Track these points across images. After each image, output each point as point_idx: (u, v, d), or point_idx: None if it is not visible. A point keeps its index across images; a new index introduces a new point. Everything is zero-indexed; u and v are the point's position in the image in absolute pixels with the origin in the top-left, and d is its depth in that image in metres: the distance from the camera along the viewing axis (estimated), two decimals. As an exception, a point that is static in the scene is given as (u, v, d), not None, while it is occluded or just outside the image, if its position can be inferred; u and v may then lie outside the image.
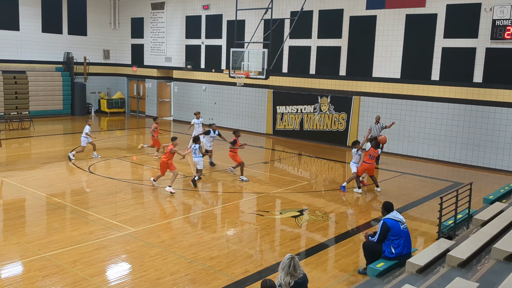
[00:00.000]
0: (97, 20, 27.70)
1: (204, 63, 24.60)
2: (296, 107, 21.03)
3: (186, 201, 11.64)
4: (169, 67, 26.25)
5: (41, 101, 25.08)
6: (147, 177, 13.63)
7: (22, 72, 24.50)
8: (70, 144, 18.51)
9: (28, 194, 11.52)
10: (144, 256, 8.06)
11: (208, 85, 24.47)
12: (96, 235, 8.97)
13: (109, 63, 28.80)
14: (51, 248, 8.26)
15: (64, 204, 10.86)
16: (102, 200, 11.24)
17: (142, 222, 9.76)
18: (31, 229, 9.27)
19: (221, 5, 23.32)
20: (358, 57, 19.12)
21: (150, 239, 8.83)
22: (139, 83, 28.28)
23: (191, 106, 25.33)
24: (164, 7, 25.93)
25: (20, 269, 7.54)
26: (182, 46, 25.41)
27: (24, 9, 24.51)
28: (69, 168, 14.54)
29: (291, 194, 12.43)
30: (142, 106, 28.27)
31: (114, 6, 28.11)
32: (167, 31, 26.02)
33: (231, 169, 14.02)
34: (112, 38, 28.55)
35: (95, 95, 28.37)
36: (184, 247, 8.51)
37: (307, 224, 10.13)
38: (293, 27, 19.30)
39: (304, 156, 18.07)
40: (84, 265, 7.61)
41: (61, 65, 26.33)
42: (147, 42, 27.19)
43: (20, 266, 7.62)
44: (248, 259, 8.12)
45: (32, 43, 25.05)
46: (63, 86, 25.92)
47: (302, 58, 20.71)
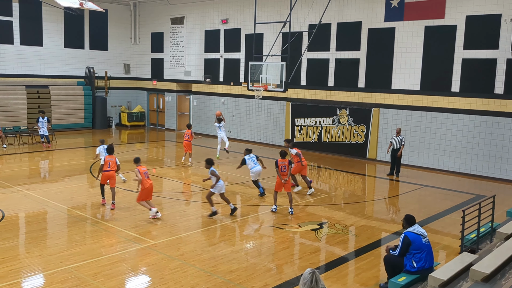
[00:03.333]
0: (118, 35, 28.21)
1: (222, 76, 24.80)
2: (315, 119, 21.00)
3: (205, 214, 11.66)
4: (188, 80, 26.52)
5: (63, 115, 25.56)
6: (166, 189, 13.72)
7: (45, 86, 25.04)
8: (91, 157, 18.76)
9: (50, 206, 11.69)
10: (164, 269, 8.09)
11: (226, 98, 24.63)
12: (116, 247, 9.05)
13: (130, 77, 29.24)
14: (73, 260, 8.35)
15: (85, 216, 10.99)
16: (123, 213, 11.34)
17: (162, 235, 9.82)
18: (53, 242, 9.39)
19: (240, 19, 23.55)
20: (377, 69, 19.06)
21: (170, 252, 8.87)
22: (159, 97, 28.62)
23: (210, 119, 25.49)
24: (184, 22, 26.29)
25: (42, 281, 7.63)
26: (201, 60, 25.68)
27: (47, 25, 25.12)
28: (90, 181, 14.72)
29: (310, 207, 12.36)
30: (162, 119, 28.57)
31: (135, 21, 28.62)
32: (187, 45, 26.34)
33: None
34: (132, 52, 29.02)
35: (116, 108, 28.79)
36: (204, 260, 8.52)
37: (327, 238, 10.05)
38: (311, 40, 19.36)
39: (323, 169, 17.98)
40: (105, 278, 7.67)
41: (82, 80, 26.84)
42: (166, 56, 27.56)
43: (43, 278, 7.71)
44: (268, 273, 8.08)
45: (55, 58, 25.61)
46: (85, 100, 26.39)
47: (321, 71, 20.73)
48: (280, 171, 11.55)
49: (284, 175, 11.58)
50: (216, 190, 11.06)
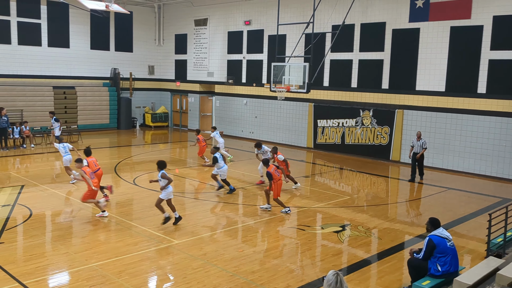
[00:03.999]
0: (143, 37, 28.59)
1: (245, 77, 24.88)
2: (338, 120, 20.89)
3: (227, 214, 11.72)
4: (211, 81, 26.70)
5: (89, 115, 26.02)
6: (189, 189, 13.85)
7: (72, 87, 25.53)
8: (115, 157, 19.06)
9: (75, 205, 11.92)
10: (187, 268, 8.17)
11: (249, 99, 24.70)
12: (140, 246, 9.17)
13: (154, 78, 29.59)
14: (98, 258, 8.50)
15: (109, 215, 11.16)
16: (146, 212, 11.49)
17: (184, 235, 9.91)
18: (79, 240, 9.58)
19: (263, 20, 23.60)
20: (401, 70, 18.86)
21: (192, 251, 8.95)
22: (182, 98, 28.88)
23: (232, 120, 25.63)
24: (207, 23, 26.48)
25: (68, 279, 7.78)
26: (224, 61, 25.82)
27: (74, 27, 25.62)
28: (115, 180, 14.95)
29: (332, 209, 12.31)
30: (185, 120, 28.83)
31: (159, 23, 28.96)
32: (210, 46, 26.52)
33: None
34: (156, 54, 29.36)
35: (140, 109, 29.17)
36: (226, 260, 8.57)
37: (350, 240, 9.99)
38: (335, 41, 19.28)
39: (346, 170, 17.87)
40: (129, 276, 7.78)
41: (108, 81, 27.28)
42: (190, 58, 27.79)
43: (69, 276, 7.87)
44: (290, 274, 8.08)
45: (81, 60, 26.10)
46: (110, 101, 26.82)
47: (344, 72, 20.62)
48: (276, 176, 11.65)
49: (279, 178, 11.79)
50: (165, 196, 10.46)
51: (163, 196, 10.48)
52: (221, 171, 13.42)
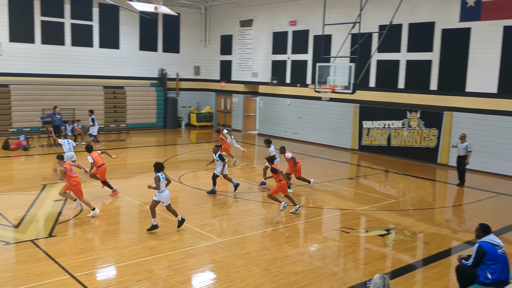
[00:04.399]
0: (189, 38, 29.10)
1: (289, 78, 24.86)
2: (383, 122, 20.52)
3: (270, 215, 11.76)
4: (255, 82, 26.84)
5: (137, 114, 26.74)
6: (231, 188, 13.97)
7: (121, 87, 26.32)
8: (162, 155, 19.50)
9: (124, 201, 12.29)
10: (230, 267, 8.26)
11: (293, 100, 24.67)
12: (185, 243, 9.36)
13: (199, 78, 30.06)
14: (144, 254, 8.73)
15: (155, 212, 11.42)
16: (191, 210, 11.70)
17: (228, 233, 10.03)
18: (126, 235, 9.87)
19: (308, 20, 23.51)
20: (450, 71, 18.32)
21: (235, 250, 9.04)
22: (227, 98, 29.19)
23: (276, 120, 25.66)
24: (252, 24, 26.64)
25: (116, 273, 8.04)
26: (268, 61, 25.90)
27: (124, 29, 26.40)
28: (161, 178, 15.28)
29: (377, 212, 12.12)
30: (229, 120, 29.12)
31: (205, 24, 29.39)
32: (254, 47, 26.67)
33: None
34: (202, 55, 29.81)
35: (186, 109, 29.71)
36: (269, 260, 8.61)
37: (395, 244, 9.81)
38: (382, 41, 18.96)
39: (391, 173, 17.54)
40: (174, 272, 7.96)
41: (155, 81, 27.95)
42: (235, 58, 28.05)
43: (116, 270, 8.13)
44: (333, 277, 8.03)
45: (130, 61, 26.86)
46: (157, 101, 27.47)
47: (390, 72, 20.23)
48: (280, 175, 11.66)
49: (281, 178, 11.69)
50: (163, 201, 10.06)
51: (165, 203, 10.08)
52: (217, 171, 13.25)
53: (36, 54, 23.64)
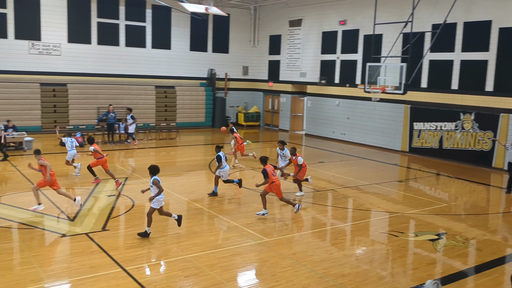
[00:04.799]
0: (238, 38, 29.38)
1: (338, 78, 24.61)
2: (435, 124, 19.93)
3: (317, 216, 11.71)
4: (304, 82, 26.74)
5: (186, 113, 27.29)
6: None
7: (172, 87, 26.93)
8: (210, 154, 19.78)
9: (173, 198, 12.57)
10: (276, 266, 8.29)
11: (341, 100, 24.40)
12: (232, 241, 9.47)
13: (247, 78, 30.28)
14: (192, 250, 8.91)
15: (203, 210, 11.65)
16: (238, 208, 11.83)
17: (274, 233, 10.07)
18: (175, 231, 10.10)
19: (358, 20, 23.18)
20: (508, 72, 17.55)
21: (282, 250, 9.07)
22: (274, 98, 29.25)
23: (323, 121, 25.47)
24: (301, 24, 26.56)
25: (164, 268, 8.25)
26: (317, 61, 25.74)
27: (175, 30, 27.00)
28: (209, 176, 15.54)
29: (428, 216, 11.80)
30: (276, 120, 29.16)
31: (254, 24, 29.58)
32: (303, 47, 26.57)
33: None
34: (251, 55, 30.01)
35: (234, 109, 30.01)
36: (315, 261, 8.58)
37: (446, 249, 9.53)
38: (435, 40, 18.42)
39: (443, 176, 17.02)
40: (221, 270, 8.08)
41: (204, 81, 28.40)
42: (283, 58, 28.06)
43: (165, 265, 8.34)
44: (380, 281, 7.90)
45: (181, 61, 27.43)
46: (206, 100, 27.92)
47: (444, 73, 19.62)
48: (272, 176, 11.06)
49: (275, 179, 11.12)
50: (156, 205, 9.63)
51: (155, 205, 9.59)
52: (223, 172, 12.82)
53: (92, 54, 24.60)
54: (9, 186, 13.41)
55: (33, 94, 22.94)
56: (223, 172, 12.84)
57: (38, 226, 9.97)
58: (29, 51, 23.07)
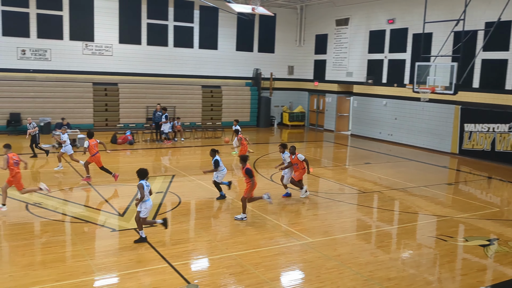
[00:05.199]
0: (284, 38, 29.38)
1: (385, 77, 24.16)
2: (488, 125, 19.21)
3: (362, 217, 11.56)
4: (350, 82, 26.42)
5: (232, 113, 27.55)
6: (322, 189, 13.92)
7: (218, 87, 27.28)
8: (254, 153, 19.92)
9: (217, 195, 12.71)
10: (321, 267, 8.26)
11: (388, 100, 23.94)
12: (276, 241, 9.51)
13: (293, 78, 30.23)
14: (237, 248, 9.01)
15: (247, 208, 11.70)
16: (282, 208, 11.85)
17: (319, 234, 10.02)
18: (220, 229, 10.26)
19: (407, 18, 22.67)
20: None
21: (326, 251, 9.02)
22: (320, 98, 29.05)
23: (370, 121, 25.08)
24: (348, 23, 26.25)
25: (210, 265, 8.39)
26: (364, 60, 25.37)
27: (222, 30, 27.34)
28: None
29: (478, 221, 11.40)
30: (321, 120, 28.96)
31: (300, 24, 29.49)
32: (350, 46, 26.26)
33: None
34: (296, 54, 29.94)
35: (279, 108, 30.04)
36: (361, 264, 8.48)
37: (497, 256, 9.18)
38: (488, 39, 17.75)
39: (495, 180, 16.38)
40: (265, 269, 8.13)
41: (250, 81, 28.58)
42: (329, 58, 27.83)
43: (210, 262, 8.48)
44: (428, 286, 7.71)
45: (227, 61, 27.74)
46: (251, 100, 28.11)
47: (497, 72, 18.88)
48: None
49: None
50: (145, 214, 9.11)
51: (143, 214, 9.07)
52: (220, 174, 12.35)
53: (142, 54, 25.29)
54: (64, 181, 13.99)
55: (86, 93, 23.84)
56: (221, 174, 12.34)
57: (89, 221, 10.36)
58: (82, 52, 24.00)
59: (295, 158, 12.56)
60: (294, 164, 12.62)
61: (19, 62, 22.77)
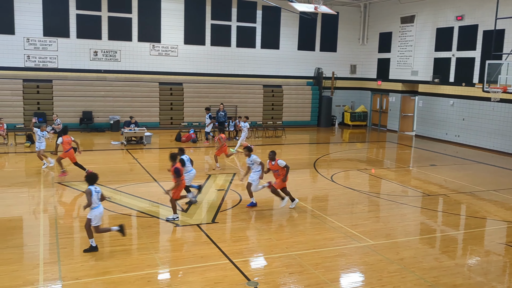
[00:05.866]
0: (347, 36, 28.99)
1: (453, 76, 23.22)
2: None
3: (426, 221, 11.21)
4: (415, 81, 25.63)
5: (292, 112, 27.58)
6: (384, 191, 13.63)
7: (279, 86, 27.39)
8: (314, 153, 19.86)
9: (276, 196, 12.77)
10: (383, 271, 8.11)
11: (456, 100, 23.00)
12: (336, 242, 9.44)
13: (355, 77, 29.76)
14: (297, 248, 9.03)
15: (308, 208, 11.73)
16: (343, 209, 11.73)
17: (381, 236, 9.84)
18: (280, 228, 10.33)
19: (477, 14, 21.66)
20: None
21: (388, 254, 8.84)
22: (383, 97, 28.40)
23: (436, 122, 24.22)
24: (414, 20, 25.47)
25: (269, 263, 8.45)
26: (430, 59, 24.52)
27: (284, 29, 27.40)
28: (313, 175, 15.60)
29: (554, 229, 10.73)
30: (384, 120, 28.30)
31: (364, 22, 28.96)
32: (415, 44, 25.47)
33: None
34: (359, 53, 29.44)
35: (340, 108, 29.69)
36: (425, 268, 8.24)
37: None
38: None
39: None
40: (325, 269, 8.10)
41: (311, 80, 28.45)
42: (393, 56, 27.14)
43: (270, 260, 8.55)
44: (496, 294, 7.39)
45: (289, 60, 27.77)
46: (312, 99, 27.97)
47: None
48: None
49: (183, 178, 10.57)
50: (95, 222, 8.47)
51: (94, 222, 8.47)
52: (188, 175, 11.61)
53: (205, 55, 25.88)
54: (130, 177, 14.61)
55: (153, 92, 24.74)
56: (188, 176, 11.68)
57: (155, 215, 10.77)
58: (150, 53, 24.91)
59: (275, 164, 11.41)
60: (275, 171, 11.46)
61: (91, 63, 24.01)
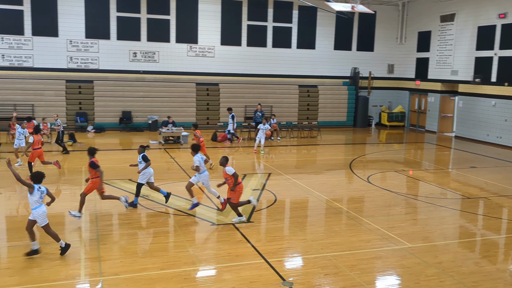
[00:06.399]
0: (384, 35, 28.55)
1: (495, 76, 22.52)
2: None
3: (466, 224, 10.93)
4: (455, 80, 25.00)
5: (328, 112, 27.40)
6: (423, 193, 13.37)
7: (314, 86, 27.26)
8: (350, 153, 19.66)
9: (313, 196, 12.77)
10: (420, 274, 7.97)
11: (498, 100, 22.29)
12: (372, 244, 9.33)
13: (392, 77, 29.28)
14: (332, 249, 8.99)
15: (343, 209, 11.64)
16: (379, 211, 11.58)
17: (418, 239, 9.66)
18: (315, 229, 10.28)
19: (522, 12, 20.94)
20: None
21: (426, 258, 8.67)
22: (421, 97, 27.82)
23: (476, 123, 23.54)
24: (454, 19, 24.85)
25: (304, 264, 8.46)
26: (471, 58, 23.85)
27: (320, 29, 27.26)
28: (349, 176, 15.46)
29: None
30: (423, 121, 27.72)
31: (402, 21, 28.46)
32: (455, 43, 24.84)
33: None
34: (397, 52, 28.95)
35: (377, 108, 29.28)
36: (464, 273, 8.05)
37: None
38: None
39: None
40: (361, 272, 8.02)
41: (347, 80, 28.17)
42: (432, 56, 26.56)
43: (305, 261, 8.55)
44: (540, 301, 7.14)
45: (325, 60, 27.60)
46: (348, 99, 27.70)
47: None
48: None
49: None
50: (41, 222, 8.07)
51: (41, 223, 8.09)
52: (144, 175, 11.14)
53: (241, 55, 26.04)
54: (168, 176, 14.87)
55: (189, 93, 25.09)
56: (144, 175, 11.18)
57: (191, 214, 10.93)
58: (187, 54, 25.27)
59: (224, 172, 10.26)
60: (225, 179, 10.36)
61: (130, 64, 24.56)
